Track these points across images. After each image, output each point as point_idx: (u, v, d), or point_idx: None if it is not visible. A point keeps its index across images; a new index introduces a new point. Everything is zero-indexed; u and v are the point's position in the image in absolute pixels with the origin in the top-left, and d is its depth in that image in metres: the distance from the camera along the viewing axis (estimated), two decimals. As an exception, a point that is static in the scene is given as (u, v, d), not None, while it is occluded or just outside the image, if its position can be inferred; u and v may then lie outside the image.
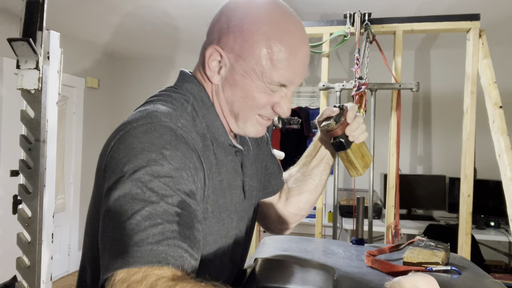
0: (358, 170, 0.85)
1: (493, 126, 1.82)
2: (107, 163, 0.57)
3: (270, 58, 0.63)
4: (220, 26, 0.66)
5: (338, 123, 0.79)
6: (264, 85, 0.65)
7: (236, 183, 0.72)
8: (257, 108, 0.68)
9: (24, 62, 1.25)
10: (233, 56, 0.65)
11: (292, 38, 0.64)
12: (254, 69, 0.64)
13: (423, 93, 3.43)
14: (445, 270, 0.83)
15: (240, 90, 0.66)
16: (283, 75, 0.65)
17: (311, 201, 0.93)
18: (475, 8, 2.34)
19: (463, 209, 1.93)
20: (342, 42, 2.11)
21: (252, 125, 0.70)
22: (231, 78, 0.67)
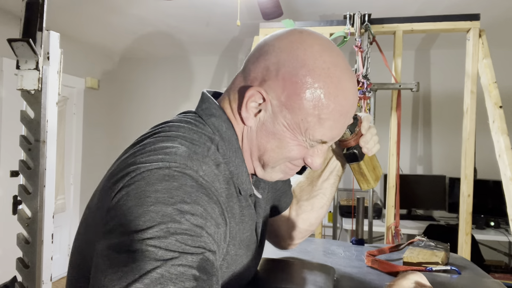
0: (370, 182, 0.82)
1: (493, 126, 1.82)
2: (112, 207, 0.47)
3: (319, 116, 0.57)
4: (267, 66, 0.59)
5: (353, 133, 0.74)
6: (305, 140, 0.60)
7: (249, 226, 0.66)
8: (289, 159, 0.63)
9: (24, 62, 1.25)
10: (278, 104, 0.58)
11: (346, 99, 0.58)
12: (299, 124, 0.58)
13: (423, 93, 3.43)
14: (445, 270, 0.83)
15: (277, 140, 0.60)
16: (327, 133, 0.60)
17: (322, 215, 0.89)
18: (475, 8, 2.35)
19: (463, 209, 1.93)
20: (342, 43, 2.11)
21: (280, 171, 0.65)
22: (270, 126, 0.60)
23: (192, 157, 0.52)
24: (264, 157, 0.62)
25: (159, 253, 0.42)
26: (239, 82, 0.63)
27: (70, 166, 3.57)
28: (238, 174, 0.61)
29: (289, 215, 0.88)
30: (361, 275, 0.88)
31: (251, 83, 0.60)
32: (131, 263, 0.42)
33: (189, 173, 0.50)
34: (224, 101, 0.64)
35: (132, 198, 0.46)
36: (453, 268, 0.83)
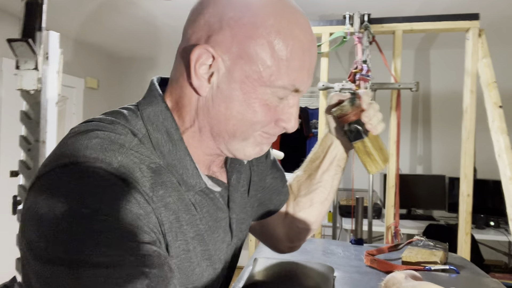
0: (378, 163, 0.72)
1: (493, 126, 1.82)
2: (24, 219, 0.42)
3: (281, 57, 0.49)
4: (208, 21, 0.51)
5: (354, 106, 0.68)
6: (272, 92, 0.51)
7: (220, 223, 0.60)
8: (259, 125, 0.53)
9: (24, 62, 1.25)
10: (230, 57, 0.50)
11: (304, 32, 0.52)
12: (260, 72, 0.49)
13: (423, 93, 3.43)
14: (444, 270, 0.83)
15: (237, 103, 0.51)
16: (297, 75, 0.51)
17: (323, 212, 0.80)
18: (474, 8, 2.34)
19: (463, 209, 1.93)
20: (342, 43, 2.11)
21: (250, 146, 0.55)
22: (226, 88, 0.51)
23: (106, 148, 0.46)
24: (227, 128, 0.52)
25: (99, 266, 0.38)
26: (183, 52, 0.54)
27: (70, 166, 3.57)
28: (183, 168, 0.53)
29: (285, 214, 0.80)
30: (360, 274, 0.88)
31: (191, 46, 0.51)
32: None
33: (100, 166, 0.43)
34: (169, 86, 0.57)
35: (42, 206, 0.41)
36: (451, 268, 0.83)
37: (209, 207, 0.57)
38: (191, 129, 0.55)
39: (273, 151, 2.21)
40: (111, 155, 0.45)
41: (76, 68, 3.57)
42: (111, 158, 0.45)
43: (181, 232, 0.52)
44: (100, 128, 0.49)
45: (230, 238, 0.62)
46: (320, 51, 2.18)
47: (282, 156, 2.26)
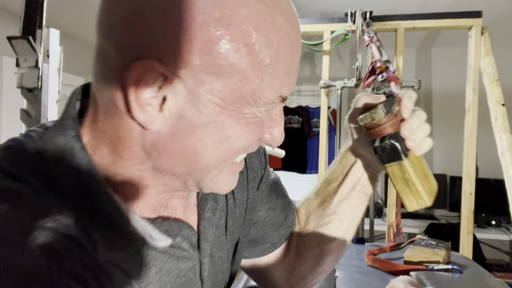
0: (421, 196, 0.51)
1: (496, 124, 1.81)
2: None
3: (264, 62, 0.34)
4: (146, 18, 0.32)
5: (390, 113, 0.48)
6: (256, 110, 0.37)
7: (182, 277, 0.44)
8: (241, 151, 0.39)
9: (24, 60, 1.25)
10: (191, 73, 0.33)
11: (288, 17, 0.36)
12: (240, 90, 0.34)
13: (425, 91, 3.42)
14: (446, 269, 0.82)
15: (213, 130, 0.35)
16: (284, 80, 0.37)
17: (338, 256, 0.61)
18: (477, 6, 2.33)
19: (465, 208, 1.92)
20: (343, 40, 2.10)
21: (224, 179, 0.41)
22: (193, 114, 0.34)
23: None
24: (200, 165, 0.37)
25: None
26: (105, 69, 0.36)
27: (71, 165, 3.57)
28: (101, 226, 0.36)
29: (285, 254, 0.61)
30: (361, 274, 0.88)
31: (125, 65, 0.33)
32: None
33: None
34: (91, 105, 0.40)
35: None
36: (454, 267, 0.82)
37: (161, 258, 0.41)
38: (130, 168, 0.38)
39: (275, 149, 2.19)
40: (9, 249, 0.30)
41: (76, 66, 3.57)
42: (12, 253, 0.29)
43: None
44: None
45: (200, 285, 0.47)
46: (321, 49, 2.17)
47: (283, 154, 2.25)
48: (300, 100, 3.69)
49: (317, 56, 3.63)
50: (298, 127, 3.57)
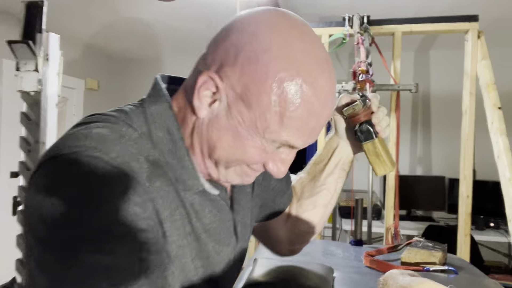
0: (387, 165, 0.72)
1: (492, 127, 1.83)
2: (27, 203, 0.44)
3: (282, 114, 0.47)
4: (227, 49, 0.49)
5: (365, 106, 0.68)
6: (264, 142, 0.50)
7: (223, 225, 0.58)
8: (244, 162, 0.52)
9: (24, 64, 1.26)
10: (233, 95, 0.48)
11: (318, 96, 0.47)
12: (255, 123, 0.48)
13: (422, 94, 3.44)
14: (442, 270, 0.83)
15: (230, 138, 0.50)
16: (293, 136, 0.49)
17: (326, 216, 0.79)
18: (473, 10, 2.35)
19: (462, 210, 1.93)
20: (341, 44, 2.11)
21: (235, 174, 0.54)
22: (223, 120, 0.50)
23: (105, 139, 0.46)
24: (214, 154, 0.52)
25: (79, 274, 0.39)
26: (197, 66, 0.54)
27: (70, 167, 3.57)
28: (177, 167, 0.52)
29: (287, 216, 0.78)
30: (359, 275, 0.88)
31: (208, 68, 0.50)
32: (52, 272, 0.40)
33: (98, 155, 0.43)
34: (182, 89, 0.56)
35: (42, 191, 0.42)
36: (450, 268, 0.83)
37: (210, 208, 0.56)
38: (187, 129, 0.54)
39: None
40: (110, 145, 0.45)
41: (77, 69, 3.57)
42: (110, 148, 0.45)
43: (175, 228, 0.51)
44: (101, 120, 0.50)
45: (235, 241, 0.61)
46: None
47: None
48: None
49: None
50: (297, 130, 3.58)
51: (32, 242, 0.42)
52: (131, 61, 4.15)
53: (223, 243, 0.59)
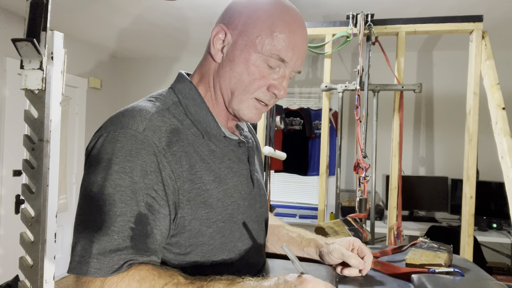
0: None
1: (496, 128, 1.82)
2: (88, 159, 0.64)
3: (271, 31, 0.68)
4: (228, 10, 0.73)
5: None
6: (263, 57, 0.69)
7: (242, 171, 0.76)
8: (252, 86, 0.70)
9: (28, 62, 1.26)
10: (236, 32, 0.70)
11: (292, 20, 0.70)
12: (255, 42, 0.68)
13: (426, 94, 3.43)
14: (448, 272, 0.83)
15: (238, 64, 0.70)
16: (282, 48, 0.69)
17: None
18: (477, 10, 2.34)
19: (466, 211, 1.92)
20: (345, 43, 2.11)
21: (247, 108, 0.73)
22: (231, 54, 0.70)
23: (136, 116, 0.64)
24: (230, 85, 0.71)
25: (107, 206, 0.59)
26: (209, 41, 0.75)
27: (72, 166, 3.57)
28: (206, 123, 0.71)
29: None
30: (363, 276, 0.88)
31: (216, 24, 0.73)
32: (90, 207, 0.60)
33: (130, 133, 0.62)
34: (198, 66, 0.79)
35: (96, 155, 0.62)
36: (456, 270, 0.83)
37: (230, 155, 0.74)
38: (209, 92, 0.75)
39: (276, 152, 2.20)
40: (139, 121, 0.64)
41: (80, 68, 3.57)
42: (138, 124, 0.63)
43: (197, 177, 0.67)
44: (140, 102, 0.70)
45: (252, 185, 0.78)
46: (323, 52, 2.18)
47: (285, 157, 2.26)
48: (302, 102, 3.70)
49: (319, 59, 3.64)
50: (300, 129, 3.57)
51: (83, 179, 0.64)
52: (134, 60, 4.15)
53: (243, 185, 0.75)
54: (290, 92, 3.71)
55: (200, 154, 0.69)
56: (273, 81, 0.71)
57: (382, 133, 2.75)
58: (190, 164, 0.66)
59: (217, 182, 0.69)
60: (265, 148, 2.11)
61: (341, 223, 1.15)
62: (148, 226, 0.60)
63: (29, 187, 1.50)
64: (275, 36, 0.68)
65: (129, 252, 0.57)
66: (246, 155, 0.78)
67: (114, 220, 0.58)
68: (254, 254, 0.77)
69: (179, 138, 0.67)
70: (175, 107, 0.71)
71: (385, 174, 3.24)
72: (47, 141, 1.46)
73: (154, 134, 0.63)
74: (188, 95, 0.73)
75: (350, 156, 3.54)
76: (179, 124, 0.68)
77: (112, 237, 0.57)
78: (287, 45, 0.69)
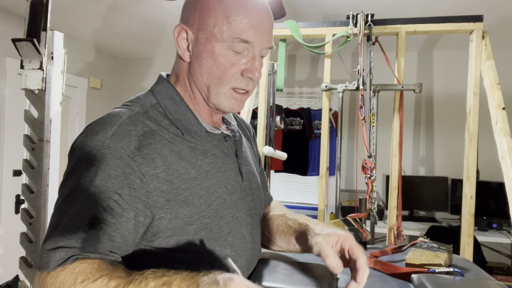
0: None
1: (496, 128, 1.82)
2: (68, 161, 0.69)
3: (227, 16, 0.67)
4: (184, 8, 0.74)
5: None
6: (226, 44, 0.68)
7: (228, 166, 0.75)
8: (225, 77, 0.70)
9: (28, 62, 1.26)
10: (195, 28, 0.70)
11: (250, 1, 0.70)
12: (214, 32, 0.68)
13: (426, 94, 3.43)
14: (448, 272, 0.83)
15: (205, 59, 0.70)
16: (242, 29, 0.67)
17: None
18: (478, 10, 2.34)
19: (466, 211, 1.92)
20: (345, 43, 2.11)
21: (226, 99, 0.72)
22: (196, 50, 0.70)
23: (107, 122, 0.66)
24: (203, 81, 0.71)
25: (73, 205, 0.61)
26: None
27: (73, 166, 3.57)
28: (186, 120, 0.72)
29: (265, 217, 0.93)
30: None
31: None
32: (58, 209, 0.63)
33: (98, 139, 0.64)
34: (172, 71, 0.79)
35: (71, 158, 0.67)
36: (456, 270, 0.83)
37: (214, 151, 0.74)
38: (188, 92, 0.75)
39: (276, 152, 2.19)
40: (108, 127, 0.65)
41: (80, 68, 3.58)
42: (107, 130, 0.65)
43: (176, 177, 0.67)
44: (117, 108, 0.70)
45: (241, 179, 0.78)
46: (323, 52, 2.18)
47: (285, 157, 2.26)
48: (302, 102, 3.70)
49: (319, 59, 3.64)
50: (300, 129, 3.57)
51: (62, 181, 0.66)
52: (134, 60, 4.15)
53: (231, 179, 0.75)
54: (290, 92, 3.71)
55: (179, 153, 0.69)
56: (244, 65, 0.70)
57: (382, 133, 2.75)
58: (167, 165, 0.66)
59: (199, 179, 0.69)
60: (265, 148, 2.11)
61: (341, 223, 1.15)
62: (105, 229, 0.60)
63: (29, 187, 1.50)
64: (232, 20, 0.67)
65: (77, 251, 0.59)
66: (233, 149, 0.78)
67: (69, 222, 0.60)
68: (248, 247, 0.77)
69: (153, 140, 0.67)
70: (153, 109, 0.71)
71: (385, 174, 3.24)
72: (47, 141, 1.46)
73: (122, 139, 0.64)
74: (167, 95, 0.73)
75: (350, 156, 3.54)
76: (155, 126, 0.68)
77: (65, 237, 0.59)
78: (246, 25, 0.68)
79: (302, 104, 3.68)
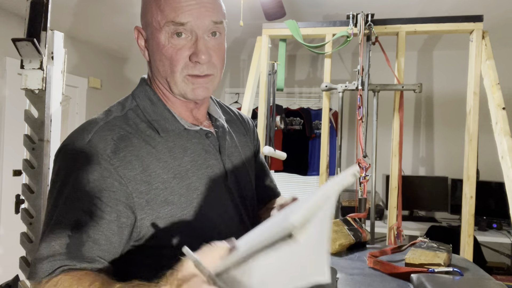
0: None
1: (496, 128, 1.82)
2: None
3: (158, 5, 0.69)
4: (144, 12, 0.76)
5: None
6: (165, 32, 0.69)
7: (210, 162, 0.75)
8: (174, 65, 0.70)
9: (28, 62, 1.26)
10: (144, 26, 0.74)
11: None
12: (153, 25, 0.70)
13: (426, 94, 3.43)
14: (447, 272, 0.83)
15: (155, 53, 0.71)
16: (171, 13, 0.68)
17: None
18: (478, 10, 2.34)
19: (466, 211, 1.92)
20: (345, 43, 2.11)
21: (185, 86, 0.72)
22: (149, 47, 0.74)
23: (83, 131, 0.68)
24: (161, 74, 0.73)
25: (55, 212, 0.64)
26: None
27: (73, 166, 3.57)
28: (164, 119, 0.73)
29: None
30: (363, 276, 0.88)
31: None
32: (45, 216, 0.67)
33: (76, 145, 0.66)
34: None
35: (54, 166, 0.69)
36: (455, 270, 0.83)
37: (194, 148, 0.74)
38: (159, 90, 0.76)
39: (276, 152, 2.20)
40: (85, 134, 0.68)
41: (79, 68, 3.58)
42: (84, 136, 0.67)
43: (154, 177, 0.68)
44: (96, 115, 0.73)
45: (225, 175, 0.77)
46: (323, 52, 2.18)
47: (285, 156, 2.26)
48: (302, 102, 3.70)
49: (319, 59, 3.64)
50: (300, 129, 3.57)
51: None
52: (134, 60, 4.16)
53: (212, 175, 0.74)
54: (290, 92, 3.72)
55: (156, 154, 0.69)
56: (189, 50, 0.69)
57: (382, 133, 2.75)
58: (144, 167, 0.67)
59: (178, 178, 0.70)
60: (265, 148, 2.12)
61: (341, 222, 1.15)
62: (89, 232, 0.62)
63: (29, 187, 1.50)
64: (162, 7, 0.68)
65: (62, 258, 0.60)
66: (216, 145, 0.78)
67: (53, 228, 0.62)
68: None
69: (129, 143, 0.68)
70: (132, 112, 0.73)
71: (385, 174, 3.24)
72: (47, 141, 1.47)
73: (98, 144, 0.66)
74: (145, 97, 0.75)
75: (350, 156, 3.54)
76: (131, 129, 0.70)
77: (49, 244, 0.61)
78: (175, 8, 0.68)
79: (302, 104, 3.68)
